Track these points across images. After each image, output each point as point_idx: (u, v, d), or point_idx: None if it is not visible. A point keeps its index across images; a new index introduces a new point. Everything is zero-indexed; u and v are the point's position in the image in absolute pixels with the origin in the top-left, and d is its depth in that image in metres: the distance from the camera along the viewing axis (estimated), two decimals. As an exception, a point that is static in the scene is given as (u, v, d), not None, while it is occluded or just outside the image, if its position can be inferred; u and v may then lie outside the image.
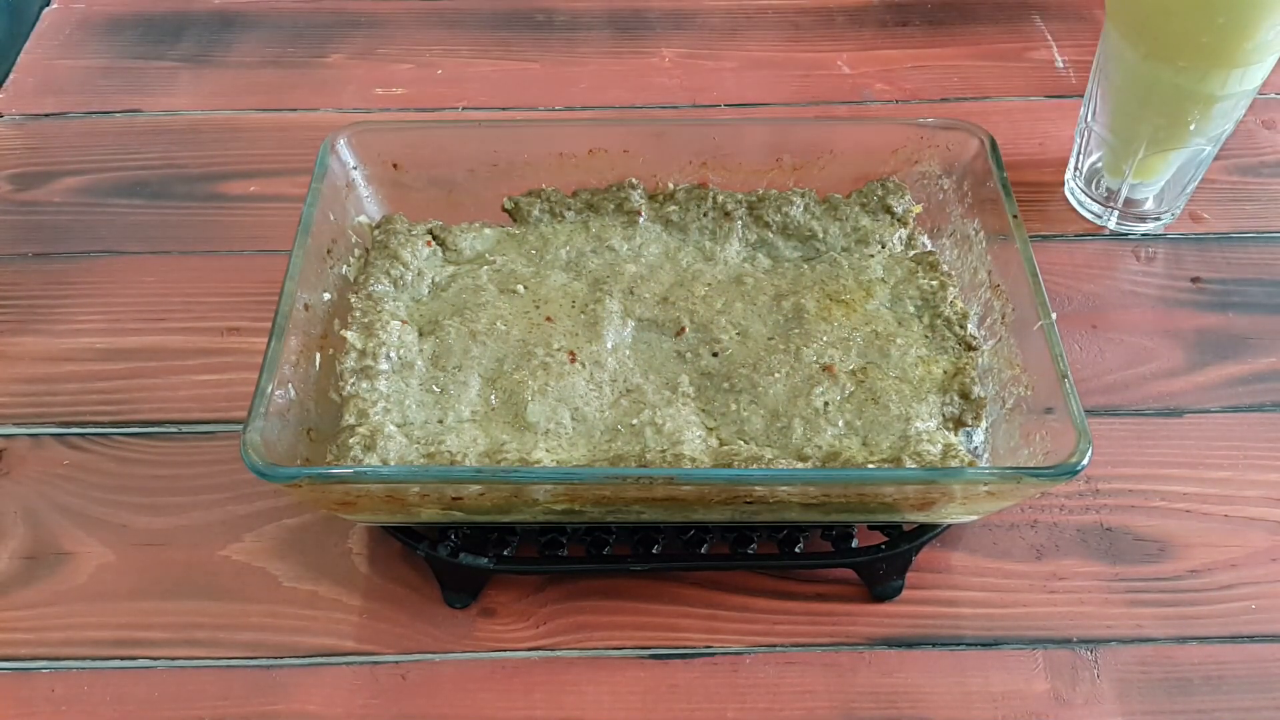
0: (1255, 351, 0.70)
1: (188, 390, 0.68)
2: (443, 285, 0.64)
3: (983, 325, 0.62)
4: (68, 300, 0.72)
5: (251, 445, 0.51)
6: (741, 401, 0.58)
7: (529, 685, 0.56)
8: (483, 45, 0.92)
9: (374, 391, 0.58)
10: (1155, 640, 0.58)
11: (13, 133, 0.84)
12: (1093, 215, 0.77)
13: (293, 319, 0.56)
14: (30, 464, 0.64)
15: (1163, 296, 0.73)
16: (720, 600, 0.59)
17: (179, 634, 0.58)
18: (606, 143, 0.68)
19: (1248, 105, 0.69)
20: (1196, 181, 0.74)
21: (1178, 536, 0.62)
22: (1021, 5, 0.95)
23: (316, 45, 0.91)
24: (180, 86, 0.87)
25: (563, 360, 0.60)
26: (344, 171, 0.65)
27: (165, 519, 0.62)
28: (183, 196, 0.79)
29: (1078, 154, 0.77)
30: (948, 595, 0.60)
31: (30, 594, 0.59)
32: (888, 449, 0.56)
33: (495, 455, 0.56)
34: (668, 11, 0.95)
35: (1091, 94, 0.73)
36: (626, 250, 0.66)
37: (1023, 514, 0.63)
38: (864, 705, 0.56)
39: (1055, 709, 0.55)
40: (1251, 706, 0.56)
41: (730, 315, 0.62)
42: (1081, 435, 0.51)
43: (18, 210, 0.78)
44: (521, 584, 0.60)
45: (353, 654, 0.57)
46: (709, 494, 0.53)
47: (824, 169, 0.68)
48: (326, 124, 0.83)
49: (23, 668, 0.57)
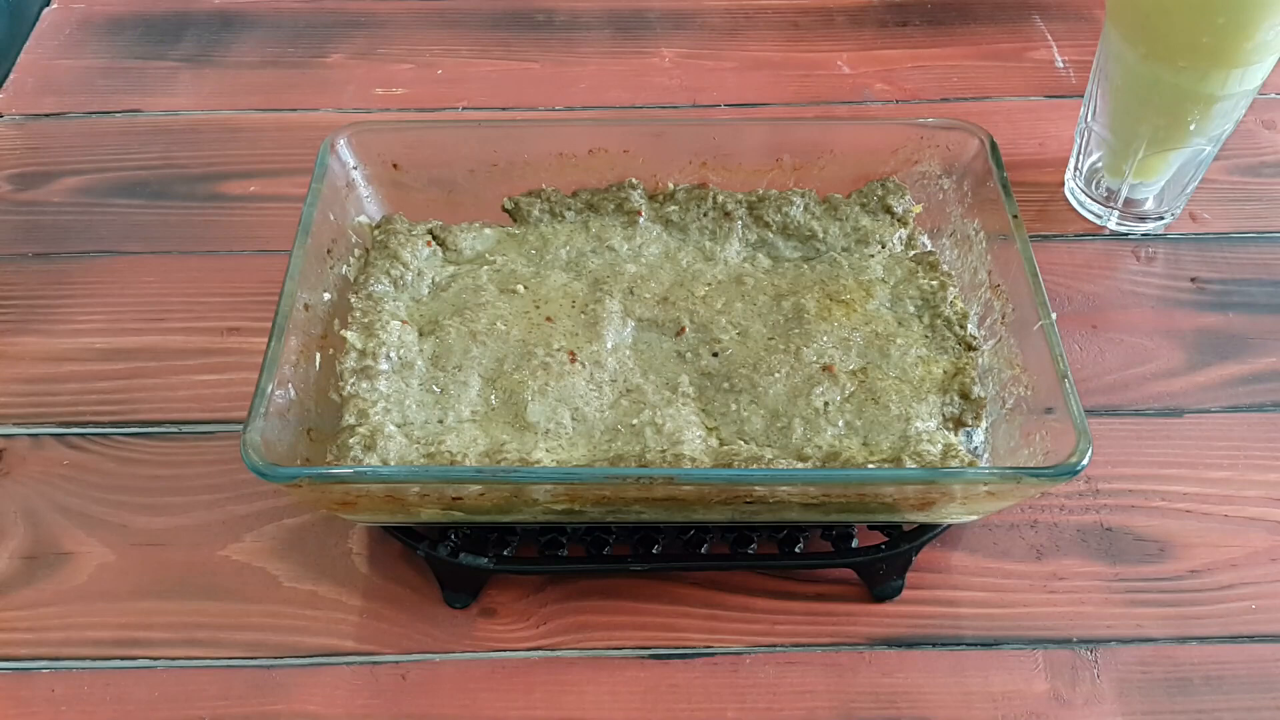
0: (1255, 351, 0.70)
1: (188, 390, 0.68)
2: (443, 285, 0.64)
3: (983, 325, 0.62)
4: (68, 300, 0.72)
5: (251, 445, 0.51)
6: (741, 401, 0.58)
7: (529, 685, 0.56)
8: (483, 45, 0.92)
9: (374, 391, 0.58)
10: (1155, 640, 0.58)
11: (13, 133, 0.84)
12: (1093, 215, 0.77)
13: (293, 319, 0.56)
14: (30, 464, 0.64)
15: (1163, 296, 0.73)
16: (720, 600, 0.59)
17: (179, 634, 0.58)
18: (606, 143, 0.68)
19: (1248, 105, 0.69)
20: (1197, 182, 0.74)
21: (1178, 536, 0.62)
22: (1021, 5, 0.95)
23: (316, 45, 0.91)
24: (180, 86, 0.87)
25: (563, 360, 0.60)
26: (344, 171, 0.65)
27: (165, 519, 0.62)
28: (183, 196, 0.79)
29: (1078, 154, 0.77)
30: (948, 595, 0.60)
31: (30, 594, 0.59)
32: (888, 449, 0.56)
33: (495, 455, 0.56)
34: (668, 11, 0.95)
35: (1091, 94, 0.73)
36: (626, 250, 0.66)
37: (1023, 514, 0.63)
38: (864, 705, 0.56)
39: (1055, 709, 0.55)
40: (1251, 706, 0.56)
41: (730, 315, 0.62)
42: (1081, 435, 0.51)
43: (18, 210, 0.78)
44: (521, 584, 0.60)
45: (353, 654, 0.57)
46: (709, 494, 0.53)
47: (824, 169, 0.68)
48: (326, 124, 0.83)
49: (23, 668, 0.57)
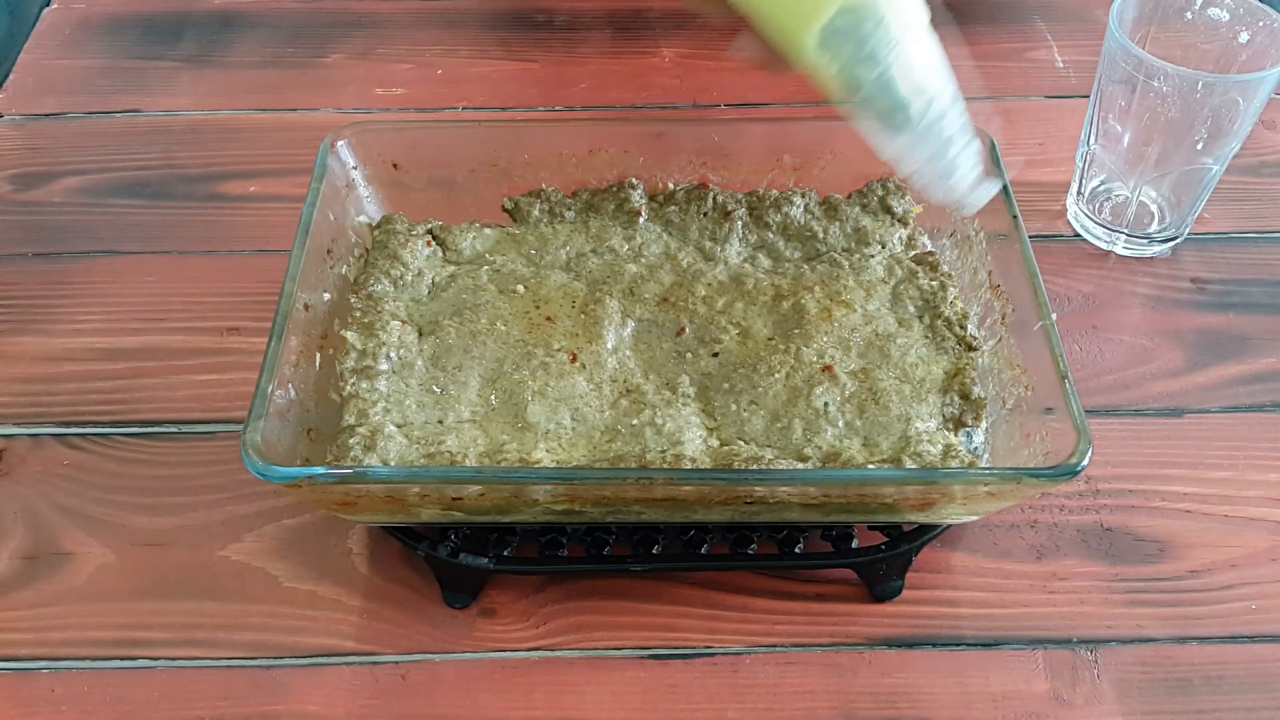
0: (1255, 351, 0.70)
1: (188, 390, 0.68)
2: (443, 285, 0.64)
3: (983, 325, 0.62)
4: (68, 300, 0.72)
5: (251, 445, 0.51)
6: (742, 402, 0.58)
7: (529, 685, 0.56)
8: (483, 45, 0.92)
9: (374, 391, 0.58)
10: (1155, 640, 0.58)
11: (13, 133, 0.84)
12: (1099, 240, 0.76)
13: (293, 319, 0.56)
14: (30, 464, 0.64)
15: (1163, 297, 0.73)
16: (720, 600, 0.59)
17: (179, 634, 0.58)
18: (606, 143, 0.68)
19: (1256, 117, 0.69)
20: (1204, 201, 0.74)
21: (1178, 536, 0.62)
22: (1021, 5, 0.95)
23: (316, 45, 0.91)
24: (180, 86, 0.87)
25: (563, 360, 0.60)
26: (344, 171, 0.65)
27: (165, 519, 0.62)
28: (183, 196, 0.79)
29: (1080, 178, 0.76)
30: (948, 595, 0.60)
31: (30, 594, 0.59)
32: (888, 449, 0.56)
33: (495, 455, 0.56)
34: (668, 11, 0.95)
35: (1093, 118, 0.72)
36: (626, 250, 0.66)
37: (1023, 514, 0.63)
38: (864, 705, 0.56)
39: (1055, 709, 0.55)
40: (1251, 706, 0.56)
41: (730, 315, 0.62)
42: (1081, 435, 0.51)
43: (18, 210, 0.78)
44: (521, 584, 0.60)
45: (353, 654, 0.57)
46: (709, 494, 0.53)
47: (824, 169, 0.68)
48: (326, 124, 0.83)
49: (23, 668, 0.57)
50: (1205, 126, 0.68)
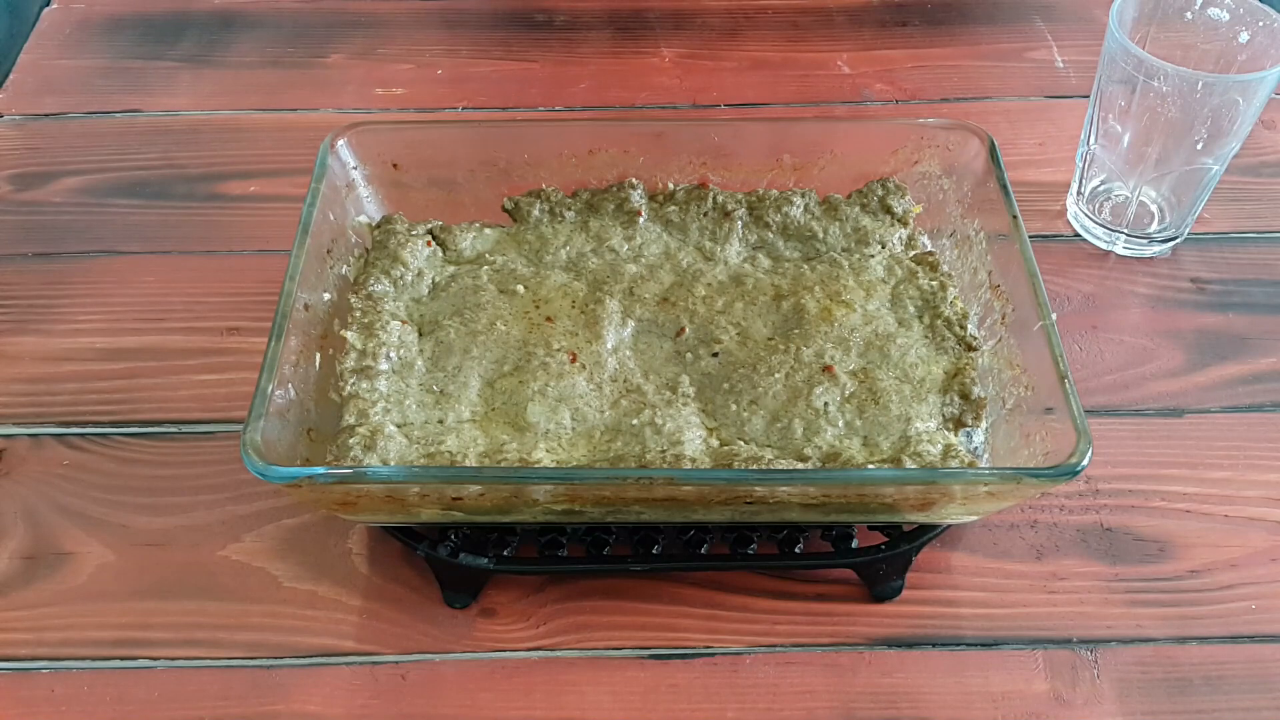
0: (1255, 352, 0.70)
1: (188, 390, 0.68)
2: (443, 285, 0.64)
3: (983, 325, 0.62)
4: (68, 300, 0.72)
5: (251, 445, 0.51)
6: (742, 402, 0.58)
7: (529, 685, 0.56)
8: (483, 45, 0.92)
9: (374, 391, 0.58)
10: (1155, 640, 0.58)
11: (13, 133, 0.84)
12: (1099, 240, 0.76)
13: (293, 319, 0.56)
14: (30, 464, 0.64)
15: (1163, 297, 0.73)
16: (720, 600, 0.59)
17: (179, 634, 0.58)
18: (606, 143, 0.68)
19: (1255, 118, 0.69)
20: (1204, 201, 0.74)
21: (1178, 536, 0.62)
22: (1021, 5, 0.95)
23: (316, 45, 0.91)
24: (180, 86, 0.87)
25: (563, 360, 0.60)
26: (344, 171, 0.65)
27: (165, 519, 0.62)
28: (183, 196, 0.79)
29: (1080, 178, 0.76)
30: (948, 595, 0.60)
31: (30, 594, 0.59)
32: (888, 449, 0.56)
33: (495, 455, 0.56)
34: (668, 11, 0.95)
35: (1093, 119, 0.73)
36: (626, 250, 0.66)
37: (1023, 514, 0.63)
38: (864, 705, 0.56)
39: (1055, 709, 0.55)
40: (1251, 706, 0.56)
41: (730, 315, 0.62)
42: (1081, 435, 0.51)
43: (18, 210, 0.78)
44: (521, 584, 0.60)
45: (353, 654, 0.57)
46: (709, 494, 0.53)
47: (824, 169, 0.68)
48: (326, 124, 0.83)
49: (23, 668, 0.57)
50: (1205, 126, 0.68)
